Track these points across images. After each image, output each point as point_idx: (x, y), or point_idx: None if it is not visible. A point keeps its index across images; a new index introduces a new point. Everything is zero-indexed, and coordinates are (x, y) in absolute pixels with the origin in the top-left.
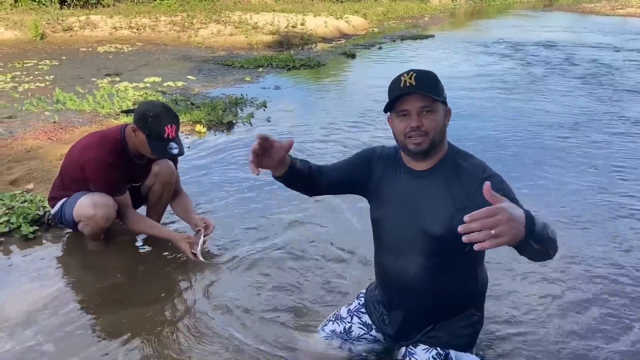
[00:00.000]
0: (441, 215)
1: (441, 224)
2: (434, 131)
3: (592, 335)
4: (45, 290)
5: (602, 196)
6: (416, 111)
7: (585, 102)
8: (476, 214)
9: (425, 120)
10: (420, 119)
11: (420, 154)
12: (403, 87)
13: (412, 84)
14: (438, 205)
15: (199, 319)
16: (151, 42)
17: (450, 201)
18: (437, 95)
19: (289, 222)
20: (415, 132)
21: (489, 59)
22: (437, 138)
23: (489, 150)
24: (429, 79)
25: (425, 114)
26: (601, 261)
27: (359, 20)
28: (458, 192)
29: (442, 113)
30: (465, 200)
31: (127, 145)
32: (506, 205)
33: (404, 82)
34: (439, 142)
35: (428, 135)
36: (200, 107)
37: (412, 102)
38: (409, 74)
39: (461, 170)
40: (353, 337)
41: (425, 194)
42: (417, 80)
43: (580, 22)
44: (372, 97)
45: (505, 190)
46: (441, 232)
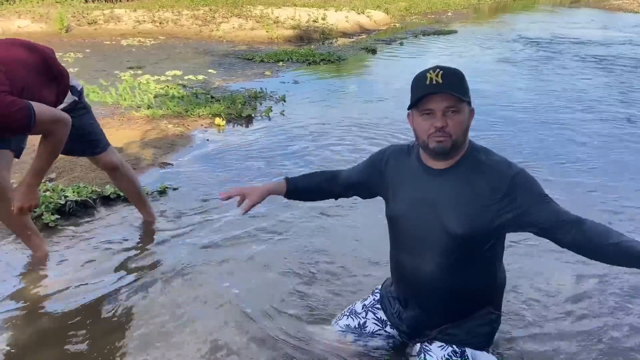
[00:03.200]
0: (463, 214)
1: (463, 223)
2: (457, 132)
3: (613, 335)
4: (65, 278)
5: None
6: (441, 111)
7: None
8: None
9: (450, 121)
10: (445, 119)
11: (442, 154)
12: (429, 85)
13: (439, 82)
14: (460, 204)
15: (212, 310)
16: (173, 36)
17: (475, 198)
18: (464, 95)
19: (304, 215)
20: (440, 132)
21: (514, 56)
22: (460, 139)
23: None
24: (456, 78)
25: (451, 115)
26: None
27: (380, 15)
28: (483, 190)
29: (467, 114)
30: (491, 197)
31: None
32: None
33: (430, 79)
34: (462, 143)
35: (451, 136)
36: (220, 100)
37: (437, 102)
38: (436, 71)
39: (483, 167)
40: (367, 333)
41: (446, 193)
42: (444, 78)
43: (609, 19)
44: (392, 94)
45: (532, 187)
46: (462, 231)
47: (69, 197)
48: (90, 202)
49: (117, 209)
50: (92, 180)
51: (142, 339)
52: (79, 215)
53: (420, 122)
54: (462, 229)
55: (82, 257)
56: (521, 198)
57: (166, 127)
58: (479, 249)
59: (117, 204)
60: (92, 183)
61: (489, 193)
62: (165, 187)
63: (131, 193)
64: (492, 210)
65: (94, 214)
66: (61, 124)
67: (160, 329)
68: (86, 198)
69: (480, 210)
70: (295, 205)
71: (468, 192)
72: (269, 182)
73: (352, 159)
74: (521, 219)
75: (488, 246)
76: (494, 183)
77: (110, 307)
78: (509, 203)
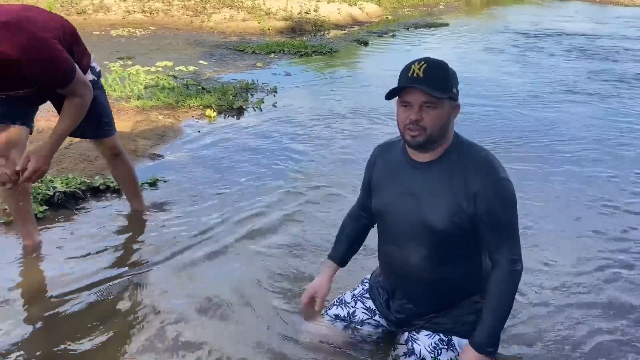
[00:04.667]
0: (442, 209)
1: (442, 217)
2: (432, 127)
3: (596, 323)
4: (54, 269)
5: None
6: (418, 105)
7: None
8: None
9: (426, 115)
10: (420, 113)
11: (416, 146)
12: (410, 77)
13: (420, 75)
14: (439, 198)
15: (199, 301)
16: (164, 27)
17: (451, 196)
18: (443, 91)
19: (295, 208)
20: (414, 125)
21: (505, 49)
22: (436, 134)
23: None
24: (438, 73)
25: (427, 109)
26: (614, 251)
27: (372, 7)
28: (459, 190)
29: (447, 109)
30: (465, 198)
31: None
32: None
33: (412, 71)
34: (439, 138)
35: (426, 130)
36: (211, 91)
37: (415, 95)
38: (420, 64)
39: (466, 163)
40: (356, 322)
41: (427, 186)
42: (425, 72)
43: (600, 13)
44: (383, 86)
45: (500, 201)
46: (442, 226)
47: (58, 188)
48: (79, 193)
49: (107, 200)
50: (81, 171)
51: (129, 330)
52: (68, 207)
53: (400, 113)
54: (441, 223)
55: (71, 248)
56: (482, 206)
57: (156, 118)
58: (462, 240)
59: (106, 195)
60: (81, 174)
61: (463, 192)
62: (156, 178)
63: (127, 181)
64: (465, 209)
65: (83, 205)
66: (89, 90)
67: (147, 320)
68: (75, 189)
69: (455, 207)
70: (282, 198)
71: (446, 188)
72: (321, 271)
73: (343, 150)
74: (478, 224)
75: (471, 238)
76: (469, 182)
77: (98, 298)
78: (476, 205)
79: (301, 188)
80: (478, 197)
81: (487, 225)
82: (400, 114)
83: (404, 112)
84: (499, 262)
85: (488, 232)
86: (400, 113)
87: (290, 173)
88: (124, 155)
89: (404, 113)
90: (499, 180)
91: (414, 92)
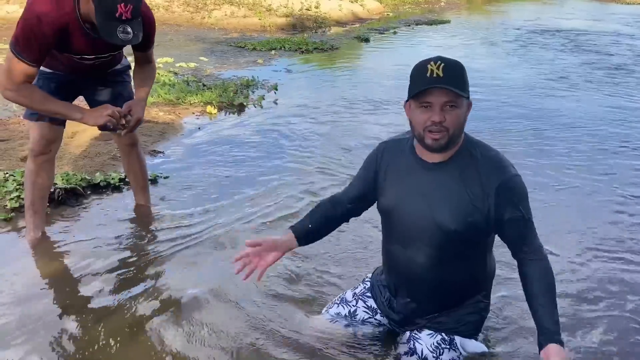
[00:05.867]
0: (455, 210)
1: (456, 219)
2: (454, 127)
3: (598, 322)
4: (51, 266)
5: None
6: (440, 105)
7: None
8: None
9: (448, 116)
10: (443, 114)
11: (438, 149)
12: (430, 78)
13: (440, 75)
14: (452, 200)
15: (200, 299)
16: (164, 23)
17: (466, 196)
18: (464, 90)
19: (295, 205)
20: (437, 127)
21: (507, 46)
22: (457, 134)
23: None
24: (457, 71)
25: (449, 109)
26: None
27: (374, 4)
28: (474, 189)
29: (465, 108)
30: (481, 198)
31: (79, 10)
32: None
33: (431, 71)
34: (458, 138)
35: (448, 131)
36: (212, 88)
37: (437, 96)
38: (437, 63)
39: (477, 163)
40: (357, 321)
41: (439, 187)
42: (445, 71)
43: (601, 10)
44: (385, 83)
45: (516, 198)
46: (455, 227)
47: (58, 185)
48: (79, 189)
49: (107, 197)
50: (81, 167)
51: (130, 328)
52: (69, 204)
53: (418, 114)
54: (454, 224)
55: (72, 246)
56: (502, 205)
57: (157, 115)
58: (471, 242)
59: (107, 191)
60: (81, 171)
61: (479, 191)
62: (156, 175)
63: (138, 173)
64: (480, 208)
65: (83, 202)
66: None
67: (148, 317)
68: (75, 186)
69: (471, 208)
70: (284, 195)
71: (460, 188)
72: (276, 237)
73: (345, 146)
74: (495, 225)
75: (481, 238)
76: (484, 182)
77: (100, 295)
78: (491, 205)
79: (303, 185)
80: (497, 195)
81: (509, 222)
82: (418, 116)
83: (424, 113)
84: (533, 255)
85: (513, 229)
86: (418, 114)
87: (291, 170)
88: (139, 147)
89: (423, 114)
90: (513, 177)
91: (435, 92)
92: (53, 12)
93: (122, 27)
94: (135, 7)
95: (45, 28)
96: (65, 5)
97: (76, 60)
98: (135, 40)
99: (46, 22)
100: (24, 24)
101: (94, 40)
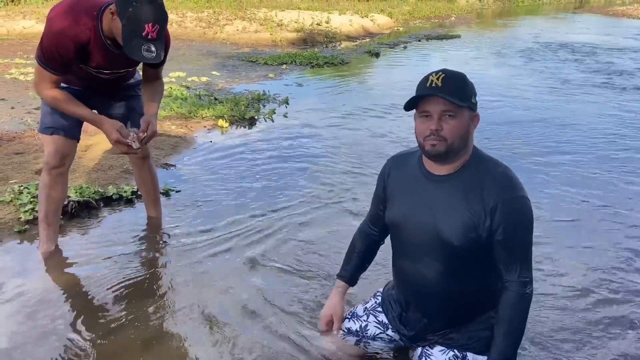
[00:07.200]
0: (457, 224)
1: (458, 232)
2: (452, 137)
3: (614, 342)
4: (63, 278)
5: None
6: (438, 114)
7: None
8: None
9: (446, 125)
10: (440, 123)
11: (436, 156)
12: (428, 87)
13: (438, 85)
14: (455, 213)
15: (212, 312)
16: (177, 38)
17: (467, 211)
18: (462, 100)
19: (305, 218)
20: (434, 135)
21: (518, 60)
22: (457, 144)
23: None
24: (456, 82)
25: (447, 119)
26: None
27: (384, 19)
28: (476, 205)
29: (467, 119)
30: (481, 215)
31: (101, 26)
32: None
33: (431, 81)
34: (460, 149)
35: (446, 140)
36: (223, 102)
37: (434, 104)
38: (438, 74)
39: (483, 179)
40: (369, 336)
41: (443, 201)
42: (444, 82)
43: (614, 25)
44: (395, 97)
45: (516, 220)
46: (458, 241)
47: (71, 197)
48: (92, 202)
49: (120, 210)
50: (94, 180)
51: (142, 341)
52: (82, 216)
53: (418, 124)
54: (456, 239)
55: (84, 258)
56: (496, 224)
57: (169, 129)
58: (478, 256)
59: (119, 204)
60: (94, 183)
61: (480, 207)
62: (169, 188)
63: (150, 186)
64: (480, 225)
65: (96, 215)
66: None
67: (159, 331)
68: (89, 198)
69: (471, 223)
70: (295, 209)
71: (463, 203)
72: (332, 292)
73: (356, 161)
74: (492, 241)
75: (487, 253)
76: (485, 198)
77: (113, 308)
78: (488, 223)
79: (313, 199)
80: (494, 214)
81: (499, 243)
82: (419, 125)
83: (423, 122)
84: (510, 285)
85: (500, 250)
86: (419, 124)
87: (302, 184)
88: (150, 160)
89: (423, 124)
90: (515, 198)
91: (433, 101)
92: (73, 27)
93: (146, 46)
94: (162, 28)
95: (67, 43)
96: (87, 21)
97: (93, 73)
98: (158, 59)
99: (67, 37)
100: (47, 38)
101: (114, 56)
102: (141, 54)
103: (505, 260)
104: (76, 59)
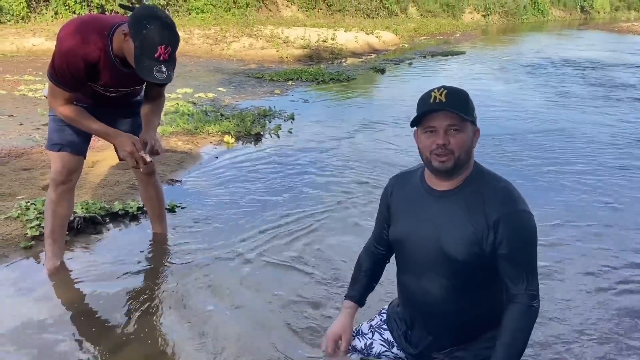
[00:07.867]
0: (462, 240)
1: (462, 248)
2: (459, 151)
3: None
4: (69, 293)
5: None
6: (443, 129)
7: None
8: None
9: (452, 139)
10: (447, 137)
11: (444, 172)
12: (432, 103)
13: (442, 100)
14: (458, 229)
15: (218, 329)
16: (184, 54)
17: (470, 226)
18: (466, 114)
19: (312, 235)
20: (441, 150)
21: (521, 76)
22: (463, 158)
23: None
24: (459, 97)
25: (453, 133)
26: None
27: (389, 35)
28: (479, 220)
29: (470, 133)
30: (484, 230)
31: (112, 46)
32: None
33: (434, 97)
34: (465, 162)
35: (454, 154)
36: (230, 118)
37: (440, 119)
38: (440, 90)
39: (484, 194)
40: (374, 354)
41: (446, 216)
42: (447, 97)
43: (620, 42)
44: (400, 113)
45: (519, 234)
46: (461, 256)
47: (78, 213)
48: (98, 218)
49: (126, 225)
50: (100, 196)
51: (146, 357)
52: (87, 232)
53: (424, 140)
54: (459, 254)
55: (90, 274)
56: (499, 239)
57: (175, 144)
58: (482, 271)
59: (125, 220)
60: (100, 199)
61: (483, 222)
62: (174, 205)
63: (155, 202)
64: (483, 240)
65: (102, 231)
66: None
67: (165, 347)
68: (95, 214)
69: (474, 238)
70: (301, 225)
71: (465, 218)
72: (341, 313)
73: (361, 177)
74: (496, 257)
75: (491, 269)
76: (487, 213)
77: (118, 325)
78: (491, 237)
79: (319, 215)
80: (497, 228)
81: (504, 258)
82: (424, 141)
83: (428, 138)
84: (516, 298)
85: (505, 265)
86: (423, 140)
87: (308, 200)
88: (156, 176)
89: (429, 139)
90: (517, 212)
91: (439, 116)
92: (83, 46)
93: (158, 67)
94: (173, 50)
95: (77, 61)
96: (97, 40)
97: (100, 91)
98: (168, 79)
99: (78, 56)
100: (58, 57)
101: (122, 74)
102: (153, 75)
103: (510, 274)
104: (86, 77)
